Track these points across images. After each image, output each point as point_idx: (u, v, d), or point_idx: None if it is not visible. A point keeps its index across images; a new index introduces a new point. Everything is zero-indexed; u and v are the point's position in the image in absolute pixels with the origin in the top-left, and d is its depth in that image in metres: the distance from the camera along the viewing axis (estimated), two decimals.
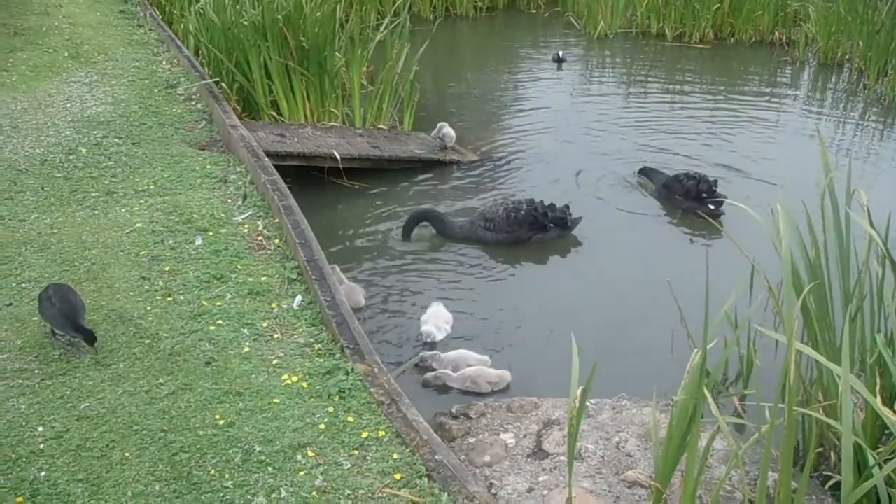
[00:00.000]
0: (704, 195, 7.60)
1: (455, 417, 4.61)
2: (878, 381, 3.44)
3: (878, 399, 3.18)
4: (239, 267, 5.42)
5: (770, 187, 7.89)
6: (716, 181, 7.72)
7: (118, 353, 4.52)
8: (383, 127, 9.12)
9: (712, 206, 7.58)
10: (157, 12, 11.67)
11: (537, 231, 7.00)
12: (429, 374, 5.25)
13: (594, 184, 8.32)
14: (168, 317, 4.83)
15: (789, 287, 3.18)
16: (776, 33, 13.67)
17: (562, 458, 4.13)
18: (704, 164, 8.66)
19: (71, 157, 6.88)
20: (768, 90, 11.74)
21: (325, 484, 3.66)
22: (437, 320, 5.68)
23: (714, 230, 7.09)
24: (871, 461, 3.11)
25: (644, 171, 8.34)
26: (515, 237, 6.97)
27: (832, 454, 4.17)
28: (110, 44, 10.07)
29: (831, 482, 3.81)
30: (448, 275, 6.55)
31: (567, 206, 7.16)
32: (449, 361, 5.33)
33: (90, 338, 4.46)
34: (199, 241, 5.67)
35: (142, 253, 5.51)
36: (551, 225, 7.02)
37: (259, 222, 6.03)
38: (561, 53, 12.55)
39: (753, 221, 4.15)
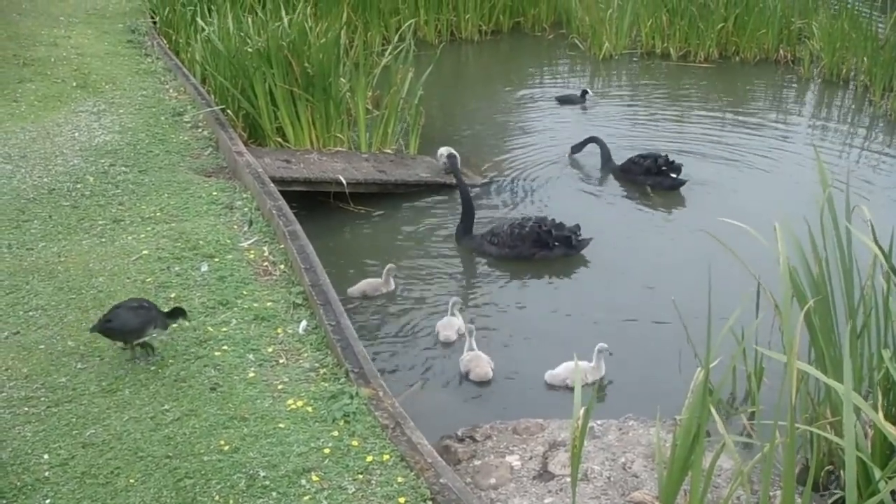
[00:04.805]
0: (664, 168, 8.33)
1: (461, 440, 4.60)
2: (879, 397, 3.41)
3: (881, 415, 3.15)
4: (244, 293, 5.44)
5: (775, 204, 7.87)
6: (667, 155, 8.42)
7: (124, 380, 4.53)
8: (389, 151, 9.16)
9: (674, 176, 8.34)
10: (164, 41, 11.77)
11: (541, 248, 7.00)
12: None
13: (600, 203, 8.36)
14: (173, 343, 4.84)
15: (788, 304, 3.17)
16: (781, 51, 13.67)
17: (568, 479, 4.10)
18: (712, 181, 8.72)
19: (78, 186, 6.94)
20: (774, 108, 11.75)
21: None
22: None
23: (719, 245, 7.07)
24: (877, 477, 3.08)
25: (596, 141, 9.10)
26: (517, 253, 6.98)
27: (841, 472, 4.14)
28: (118, 73, 10.16)
29: (834, 498, 3.78)
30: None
31: (577, 227, 7.15)
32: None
33: (182, 311, 4.82)
34: (204, 268, 5.70)
35: (148, 280, 5.54)
36: (556, 244, 7.01)
37: (265, 248, 6.05)
38: (588, 92, 11.54)
39: (757, 234, 4.15)
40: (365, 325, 6.10)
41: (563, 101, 11.54)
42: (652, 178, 8.44)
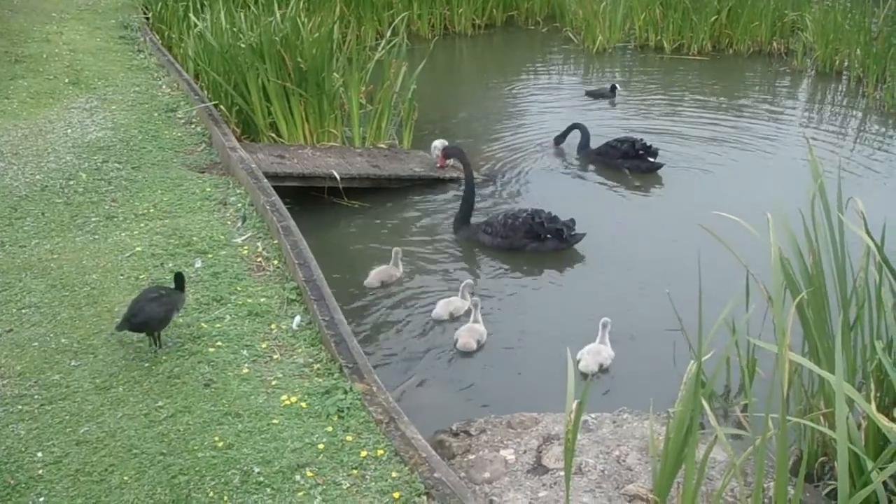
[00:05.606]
0: (642, 152, 8.65)
1: (455, 434, 4.60)
2: (872, 388, 3.42)
3: (874, 406, 3.16)
4: (238, 289, 5.43)
5: (769, 196, 7.88)
6: (643, 139, 8.75)
7: (118, 377, 4.52)
8: (383, 146, 9.15)
9: (652, 160, 8.65)
10: (157, 37, 11.74)
11: (533, 240, 7.02)
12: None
13: (587, 192, 8.38)
14: (167, 340, 4.83)
15: (779, 294, 3.18)
16: (774, 43, 13.72)
17: (562, 473, 4.11)
18: (706, 173, 8.73)
19: (71, 183, 6.92)
20: (767, 100, 11.76)
21: None
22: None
23: (712, 236, 7.07)
24: (869, 468, 3.09)
25: (578, 128, 9.28)
26: (510, 243, 7.03)
27: (835, 463, 4.14)
28: (110, 69, 10.14)
29: (828, 489, 3.79)
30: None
31: (571, 221, 7.17)
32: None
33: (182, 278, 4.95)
34: (198, 264, 5.69)
35: (141, 276, 5.53)
36: (548, 236, 7.02)
37: (258, 244, 6.04)
38: (617, 87, 11.73)
39: (749, 226, 4.15)
40: (359, 319, 6.08)
41: (594, 95, 11.67)
42: (629, 162, 8.70)
